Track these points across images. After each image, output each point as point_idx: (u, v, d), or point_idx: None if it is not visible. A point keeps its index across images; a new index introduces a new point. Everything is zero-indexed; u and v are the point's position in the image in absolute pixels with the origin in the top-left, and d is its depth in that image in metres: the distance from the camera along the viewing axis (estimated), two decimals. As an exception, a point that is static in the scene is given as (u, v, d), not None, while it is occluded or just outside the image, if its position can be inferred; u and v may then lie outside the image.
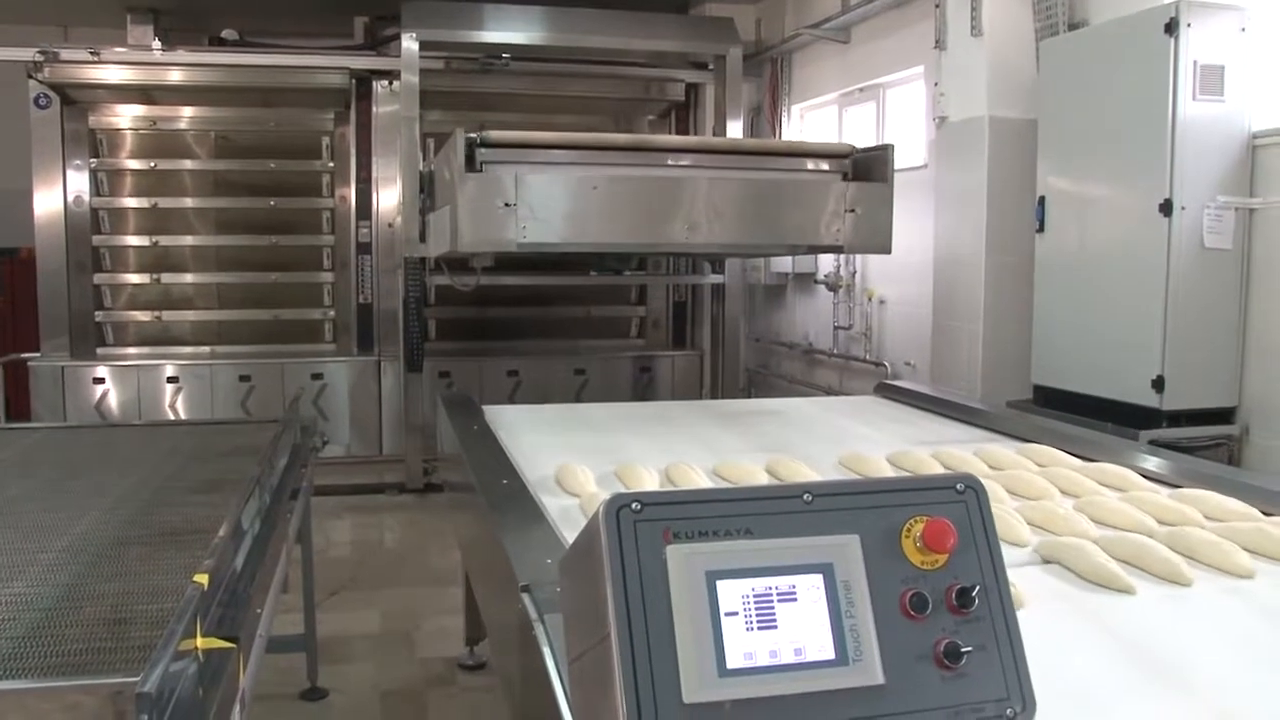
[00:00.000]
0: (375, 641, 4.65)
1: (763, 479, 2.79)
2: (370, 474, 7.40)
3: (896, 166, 4.53)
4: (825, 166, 4.66)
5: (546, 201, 4.27)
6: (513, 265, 7.07)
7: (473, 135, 4.25)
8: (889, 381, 4.68)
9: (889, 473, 2.90)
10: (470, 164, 4.23)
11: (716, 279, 7.57)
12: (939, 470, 2.87)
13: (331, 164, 8.00)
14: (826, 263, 7.50)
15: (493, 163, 4.27)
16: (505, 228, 4.21)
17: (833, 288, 7.36)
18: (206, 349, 7.94)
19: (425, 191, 6.31)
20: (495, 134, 4.32)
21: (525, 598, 1.75)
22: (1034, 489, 2.49)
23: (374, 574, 5.63)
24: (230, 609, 2.04)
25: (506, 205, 4.20)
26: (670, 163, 4.59)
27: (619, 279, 7.91)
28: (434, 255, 5.88)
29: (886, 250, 4.61)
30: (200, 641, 1.74)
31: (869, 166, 4.59)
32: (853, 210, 4.52)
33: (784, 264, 7.84)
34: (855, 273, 7.22)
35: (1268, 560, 1.98)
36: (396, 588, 5.37)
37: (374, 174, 7.79)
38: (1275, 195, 4.27)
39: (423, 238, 6.35)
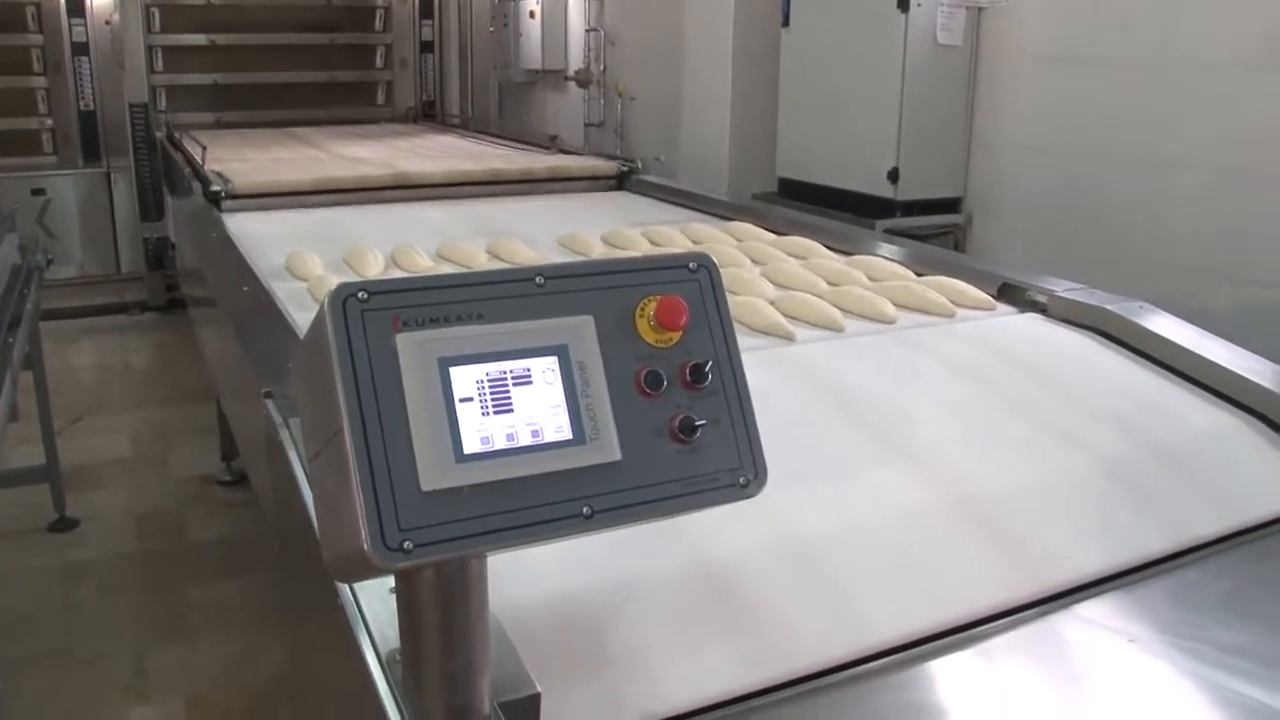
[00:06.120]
0: (127, 466, 4.49)
1: (483, 260, 2.88)
2: (109, 294, 6.98)
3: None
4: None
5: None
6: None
7: (215, 190, 3.91)
8: (636, 175, 4.72)
9: (602, 250, 3.04)
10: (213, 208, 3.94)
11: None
12: (649, 247, 3.03)
13: (32, -49, 7.16)
14: (576, 59, 7.36)
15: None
16: None
17: (583, 84, 7.25)
18: (-99, 165, 7.14)
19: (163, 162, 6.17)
20: (239, 186, 3.98)
21: (269, 404, 1.72)
22: (727, 259, 2.76)
23: (121, 397, 5.40)
24: (-53, 439, 1.92)
25: None
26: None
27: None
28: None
29: None
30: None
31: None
32: None
33: (534, 60, 7.63)
34: (605, 69, 7.12)
35: (910, 311, 2.37)
36: (146, 409, 5.17)
37: (84, -37, 7.03)
38: (1001, -7, 4.44)
39: (160, 213, 6.27)
